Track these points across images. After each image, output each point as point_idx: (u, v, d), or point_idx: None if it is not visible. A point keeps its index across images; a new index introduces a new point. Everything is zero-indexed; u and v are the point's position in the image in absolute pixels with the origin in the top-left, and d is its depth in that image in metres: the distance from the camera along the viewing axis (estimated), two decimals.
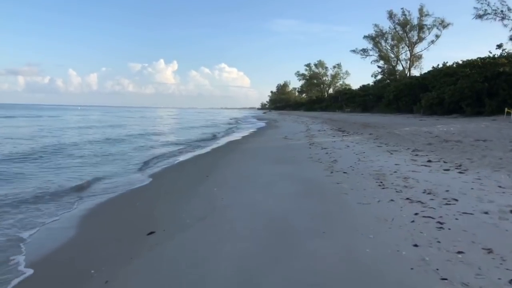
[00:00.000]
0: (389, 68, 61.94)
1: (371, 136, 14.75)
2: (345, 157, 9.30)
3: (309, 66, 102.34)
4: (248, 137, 19.62)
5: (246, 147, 13.87)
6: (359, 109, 54.50)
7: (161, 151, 13.56)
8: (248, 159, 10.47)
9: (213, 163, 10.10)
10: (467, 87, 27.17)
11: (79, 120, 41.97)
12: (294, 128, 24.70)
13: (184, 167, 9.90)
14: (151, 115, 73.98)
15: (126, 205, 5.89)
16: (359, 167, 7.60)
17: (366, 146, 11.42)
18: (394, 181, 6.09)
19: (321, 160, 8.95)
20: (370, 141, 12.76)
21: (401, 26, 57.96)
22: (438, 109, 30.67)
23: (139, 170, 9.62)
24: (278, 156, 10.49)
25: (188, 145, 16.11)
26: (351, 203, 4.94)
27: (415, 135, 13.63)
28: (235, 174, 8.03)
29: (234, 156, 11.28)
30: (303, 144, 13.37)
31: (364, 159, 8.62)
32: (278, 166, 8.60)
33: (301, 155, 10.16)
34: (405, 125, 19.64)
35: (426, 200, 4.81)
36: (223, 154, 12.13)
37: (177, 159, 11.70)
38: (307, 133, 18.25)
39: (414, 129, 16.53)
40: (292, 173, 7.60)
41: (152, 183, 7.78)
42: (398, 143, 11.79)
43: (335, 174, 7.09)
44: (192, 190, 6.68)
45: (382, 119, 29.36)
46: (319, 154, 10.12)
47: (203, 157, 11.77)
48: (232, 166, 9.30)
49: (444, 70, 36.08)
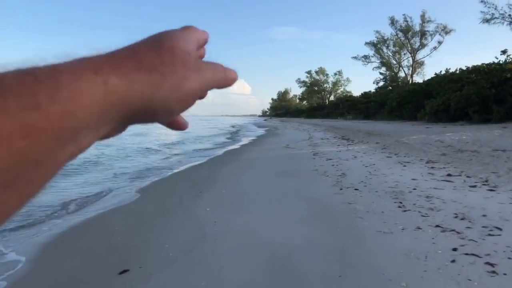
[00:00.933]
0: (391, 74, 61.35)
1: (378, 145, 13.89)
2: (353, 169, 8.43)
3: (310, 73, 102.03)
4: (247, 145, 18.75)
5: (245, 157, 13.01)
6: (361, 116, 53.71)
7: (154, 161, 12.71)
8: (246, 171, 9.61)
9: (208, 176, 9.25)
10: (473, 93, 26.36)
11: None
12: (296, 136, 23.86)
13: (177, 181, 9.04)
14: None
15: (100, 231, 5.02)
16: (372, 183, 6.73)
17: (375, 156, 10.55)
18: (416, 201, 5.22)
19: (327, 174, 8.08)
20: (378, 151, 11.89)
21: (403, 32, 57.50)
22: (443, 116, 29.84)
23: (126, 184, 8.76)
24: (279, 167, 9.63)
25: (184, 154, 15.26)
26: (370, 232, 4.07)
27: (426, 144, 12.77)
28: (231, 190, 7.17)
29: (231, 168, 10.41)
30: (306, 153, 12.51)
31: (376, 173, 7.75)
32: (279, 180, 7.74)
33: (304, 167, 9.30)
34: (412, 133, 18.79)
35: (461, 228, 3.94)
36: (220, 165, 11.27)
37: (171, 170, 10.85)
38: (310, 142, 17.40)
39: (423, 137, 15.68)
40: (296, 189, 6.73)
41: (138, 201, 6.92)
42: (408, 153, 10.92)
43: (345, 191, 6.22)
44: (182, 210, 5.82)
45: (386, 127, 28.53)
46: (325, 165, 9.25)
47: (198, 169, 10.91)
48: (229, 180, 8.43)
49: (448, 76, 35.35)
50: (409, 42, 57.99)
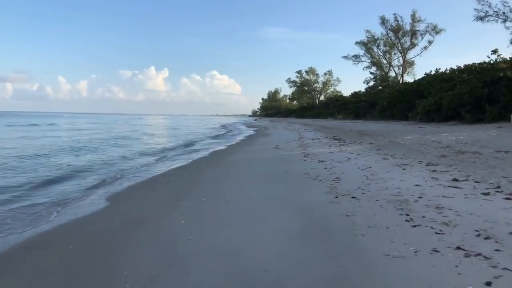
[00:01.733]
0: (381, 74, 61.04)
1: (372, 146, 13.20)
2: (348, 173, 7.69)
3: (300, 73, 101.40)
4: (235, 146, 17.93)
5: (232, 158, 12.20)
6: (351, 116, 53.25)
7: (133, 163, 11.82)
8: (232, 175, 8.80)
9: (190, 180, 8.43)
10: (466, 92, 25.92)
11: (53, 128, 39.91)
12: (286, 136, 23.12)
13: (155, 185, 8.18)
14: (135, 122, 71.91)
15: (51, 251, 4.16)
16: (371, 189, 5.97)
17: (370, 158, 9.83)
18: (425, 212, 4.47)
19: (320, 178, 7.31)
20: (372, 152, 11.19)
21: (393, 32, 57.12)
22: (435, 116, 29.39)
23: (97, 189, 7.87)
24: (268, 171, 8.84)
25: (167, 156, 14.38)
26: (375, 256, 3.30)
27: (422, 144, 12.12)
28: (213, 197, 6.35)
29: (216, 171, 9.59)
30: (297, 155, 11.75)
31: (374, 177, 7.00)
32: (268, 186, 6.95)
33: (295, 170, 8.53)
34: (405, 133, 18.19)
35: (488, 251, 3.19)
36: (204, 167, 10.44)
37: (151, 173, 9.98)
38: (300, 142, 16.65)
39: (417, 137, 15.06)
40: (286, 197, 5.95)
41: (105, 211, 6.06)
42: (405, 154, 10.23)
43: (341, 199, 5.46)
44: (153, 223, 4.99)
45: (378, 127, 27.98)
46: (317, 168, 8.49)
47: (180, 171, 10.06)
48: (211, 185, 7.62)
49: (439, 76, 34.95)
50: (400, 42, 57.63)
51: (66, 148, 16.56)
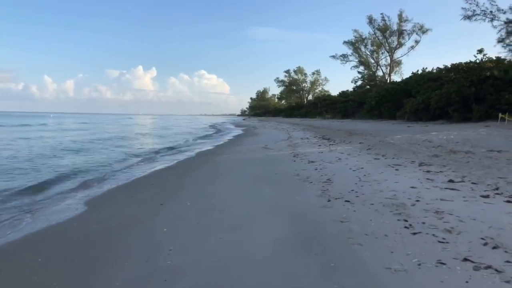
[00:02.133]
0: (369, 73, 61.30)
1: (362, 145, 12.97)
2: (340, 174, 7.39)
3: (288, 73, 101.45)
4: (223, 146, 17.53)
5: (220, 159, 11.82)
6: (340, 116, 53.32)
7: (116, 165, 11.33)
8: (219, 176, 8.43)
9: (174, 182, 8.03)
10: (453, 92, 26.01)
11: (37, 129, 38.92)
12: (275, 135, 22.82)
13: (137, 188, 7.76)
14: (126, 122, 70.84)
15: (17, 264, 3.74)
16: (364, 192, 5.68)
17: (361, 158, 9.57)
18: (424, 218, 4.18)
19: (311, 179, 6.99)
20: (363, 152, 10.94)
21: (381, 31, 57.39)
22: (423, 115, 29.45)
23: (76, 193, 7.42)
24: (257, 172, 8.50)
25: (153, 156, 13.91)
26: (376, 269, 2.98)
27: (413, 144, 11.93)
28: (199, 201, 5.98)
29: (202, 172, 9.21)
30: (286, 155, 11.43)
31: (367, 179, 6.72)
32: (257, 189, 6.60)
33: (285, 171, 8.20)
34: (394, 132, 18.06)
35: (499, 262, 2.91)
36: (190, 168, 10.04)
37: (134, 174, 9.54)
38: (289, 142, 16.35)
39: (408, 136, 14.91)
40: (276, 200, 5.61)
41: (82, 217, 5.63)
42: (397, 154, 10.01)
43: (334, 203, 5.14)
44: (132, 232, 4.60)
45: (367, 126, 27.91)
46: (307, 170, 8.18)
47: (165, 173, 9.65)
48: (197, 188, 7.24)
49: (427, 75, 35.08)
50: (387, 41, 57.97)
51: (56, 149, 15.97)
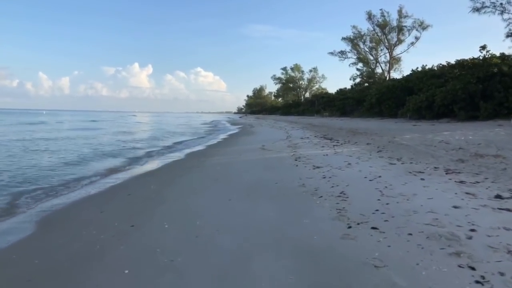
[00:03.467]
0: (368, 70, 60.05)
1: (370, 147, 11.68)
2: (355, 185, 6.08)
3: (285, 70, 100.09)
4: (216, 146, 16.17)
5: (211, 162, 10.48)
6: (338, 114, 52.06)
7: (93, 169, 9.96)
8: (209, 185, 7.10)
9: (155, 193, 6.69)
10: (459, 88, 24.79)
11: (56, 127, 37.39)
12: (272, 134, 21.49)
13: (108, 200, 6.42)
14: (134, 120, 69.24)
15: None
16: (393, 212, 4.37)
17: (374, 163, 8.27)
18: (497, 262, 2.88)
19: (320, 192, 5.68)
20: (374, 155, 9.65)
21: (380, 27, 56.12)
22: (426, 113, 28.21)
23: (33, 206, 6.07)
24: (253, 180, 7.18)
25: (137, 157, 12.55)
26: None
27: (429, 146, 10.64)
28: (179, 223, 4.66)
29: (190, 179, 7.88)
30: (286, 158, 10.12)
31: (390, 192, 5.41)
32: (253, 205, 5.28)
33: (287, 180, 6.89)
34: (401, 132, 16.79)
35: None
36: (176, 174, 8.70)
37: (109, 182, 8.20)
38: (289, 142, 15.04)
39: (418, 136, 13.64)
40: (278, 225, 4.29)
41: (26, 244, 4.29)
42: (413, 158, 8.73)
43: (358, 231, 3.84)
44: (85, 270, 3.28)
45: (369, 124, 26.65)
46: (314, 178, 6.87)
47: (147, 179, 8.30)
48: (181, 201, 5.91)
49: (430, 71, 33.87)
50: (386, 38, 56.69)
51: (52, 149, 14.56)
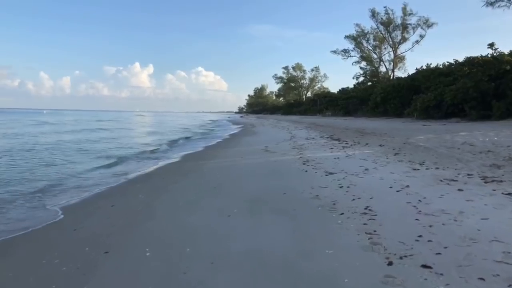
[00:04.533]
0: (371, 69, 58.91)
1: (384, 149, 10.62)
2: (381, 198, 5.03)
3: (286, 69, 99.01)
4: (215, 147, 15.12)
5: (209, 166, 9.44)
6: (341, 113, 50.95)
7: (77, 170, 8.92)
8: (204, 195, 6.06)
9: (142, 204, 5.67)
10: (471, 87, 23.70)
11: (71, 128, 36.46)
12: (275, 135, 20.44)
13: (87, 216, 5.39)
14: (143, 119, 68.23)
15: None
16: (444, 241, 3.32)
17: (395, 168, 7.22)
18: None
19: (339, 207, 4.64)
20: (391, 158, 8.60)
21: (384, 25, 54.98)
22: (435, 112, 27.13)
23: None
24: (256, 189, 6.14)
25: (130, 159, 11.51)
26: None
27: (451, 148, 9.59)
28: (166, 247, 3.62)
29: (183, 188, 6.84)
30: (293, 161, 9.08)
31: (427, 208, 4.36)
32: (258, 225, 4.24)
33: (296, 190, 5.84)
34: (413, 132, 15.74)
35: None
36: (169, 180, 7.65)
37: (92, 190, 7.17)
38: (293, 143, 13.99)
39: (433, 137, 12.59)
40: (289, 256, 3.23)
41: None
42: (438, 162, 7.68)
43: (402, 269, 2.79)
44: None
45: (375, 124, 25.58)
46: (329, 187, 5.82)
47: (135, 188, 7.26)
48: (169, 218, 4.88)
49: (437, 69, 32.75)
50: (390, 36, 55.56)
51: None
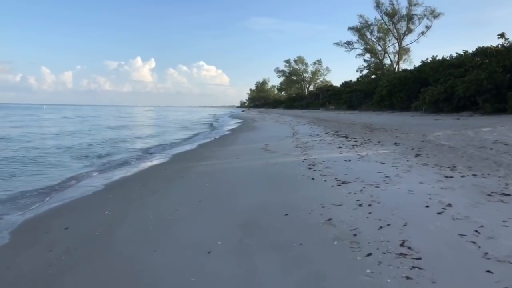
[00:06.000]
0: (376, 62, 57.25)
1: (400, 148, 9.27)
2: (418, 223, 3.70)
3: (288, 62, 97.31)
4: (210, 145, 13.77)
5: (199, 170, 8.11)
6: (344, 107, 49.47)
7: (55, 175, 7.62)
8: (184, 215, 4.74)
9: (102, 227, 4.36)
10: (485, 78, 22.22)
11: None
12: (276, 130, 19.09)
13: (31, 246, 4.10)
14: (159, 114, 66.95)
15: None
16: None
17: (422, 175, 5.88)
18: None
19: (362, 241, 3.31)
20: (412, 160, 7.25)
21: (389, 16, 53.24)
22: (445, 105, 25.67)
23: None
24: (250, 207, 4.82)
25: (113, 160, 10.20)
26: None
27: (481, 148, 8.22)
28: None
29: (160, 201, 5.51)
30: (296, 164, 7.74)
31: (492, 246, 3.04)
32: (247, 266, 2.92)
33: (301, 208, 4.51)
34: (426, 127, 14.37)
35: None
36: (147, 189, 6.33)
37: (52, 203, 5.87)
38: (296, 141, 12.64)
39: (453, 134, 11.22)
40: None
41: None
42: (471, 167, 6.34)
43: None
44: None
45: (383, 119, 24.16)
46: (344, 204, 4.48)
47: (105, 200, 5.96)
48: (131, 250, 3.57)
49: (446, 61, 31.19)
50: (395, 27, 53.84)
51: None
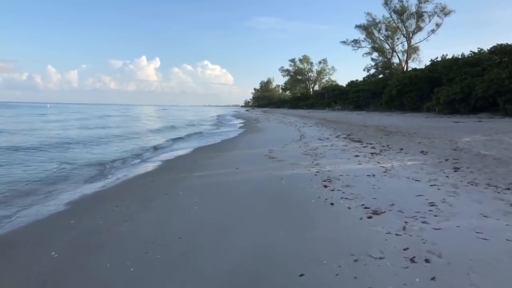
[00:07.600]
0: (384, 60, 55.55)
1: (431, 158, 7.79)
2: None
3: (293, 62, 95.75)
4: (207, 150, 12.29)
5: (187, 184, 6.66)
6: (351, 107, 47.86)
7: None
8: (152, 264, 3.31)
9: (39, 281, 2.94)
10: (506, 77, 20.65)
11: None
12: (282, 132, 17.62)
13: None
14: (175, 113, 65.70)
15: None
16: None
17: (479, 201, 4.42)
18: None
19: None
20: (454, 177, 5.78)
21: (397, 14, 51.54)
22: (461, 106, 24.09)
23: None
24: (247, 255, 3.39)
25: (103, 166, 8.79)
26: None
27: None
28: None
29: (129, 237, 4.08)
30: (308, 180, 6.28)
31: None
32: None
33: (322, 264, 3.07)
34: (451, 131, 12.86)
35: None
36: (120, 214, 4.90)
37: (39, 213, 4.47)
38: (305, 146, 11.17)
39: (487, 140, 9.75)
40: None
41: None
42: None
43: None
44: None
45: (395, 120, 22.61)
46: (386, 257, 3.02)
47: (62, 228, 4.54)
48: None
49: (461, 59, 29.56)
50: (404, 25, 52.10)
51: None
